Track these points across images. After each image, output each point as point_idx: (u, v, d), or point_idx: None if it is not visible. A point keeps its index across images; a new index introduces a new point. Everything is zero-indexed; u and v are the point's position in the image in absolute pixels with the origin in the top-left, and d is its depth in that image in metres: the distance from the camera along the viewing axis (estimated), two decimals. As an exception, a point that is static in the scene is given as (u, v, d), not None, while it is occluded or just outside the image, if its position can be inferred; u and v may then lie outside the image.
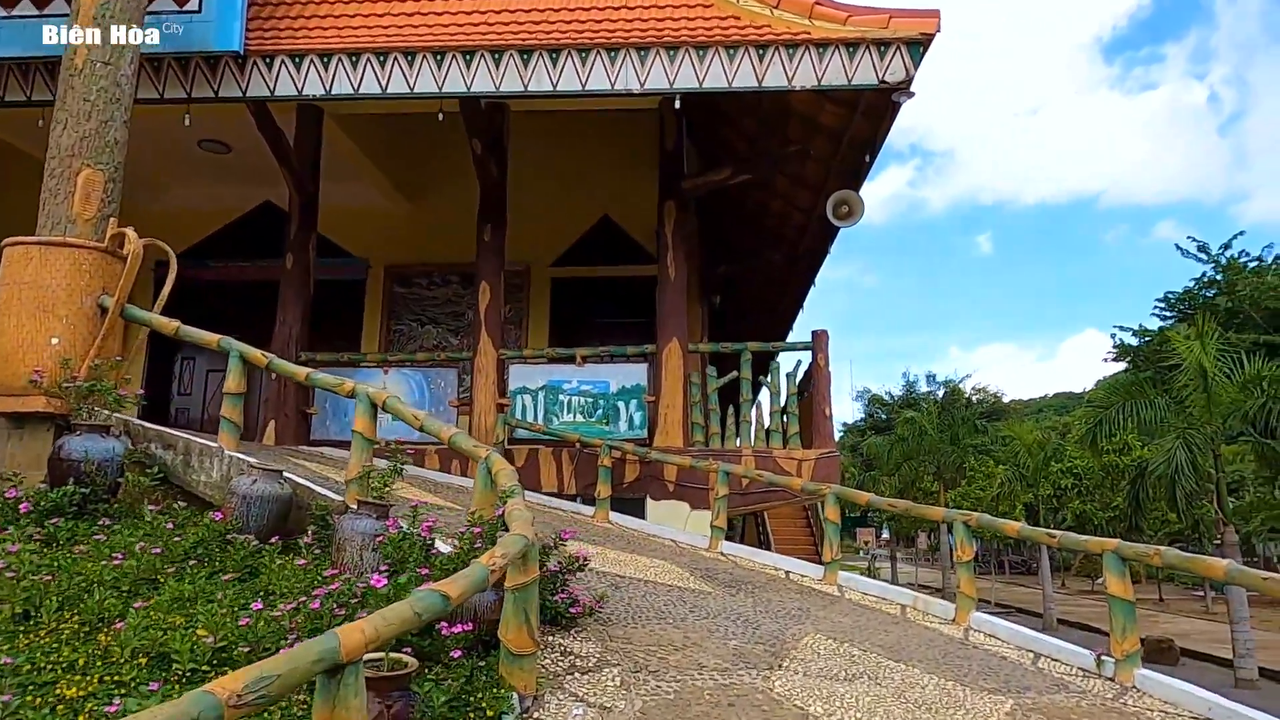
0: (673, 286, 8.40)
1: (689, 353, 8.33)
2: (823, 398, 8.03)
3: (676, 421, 8.05)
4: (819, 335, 8.17)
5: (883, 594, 5.93)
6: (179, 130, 9.96)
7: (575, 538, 6.19)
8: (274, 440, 8.19)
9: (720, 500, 7.11)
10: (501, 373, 8.35)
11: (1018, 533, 4.99)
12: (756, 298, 13.18)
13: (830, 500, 6.37)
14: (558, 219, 11.58)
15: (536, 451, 8.12)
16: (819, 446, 7.93)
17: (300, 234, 8.78)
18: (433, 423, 4.55)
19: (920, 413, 36.26)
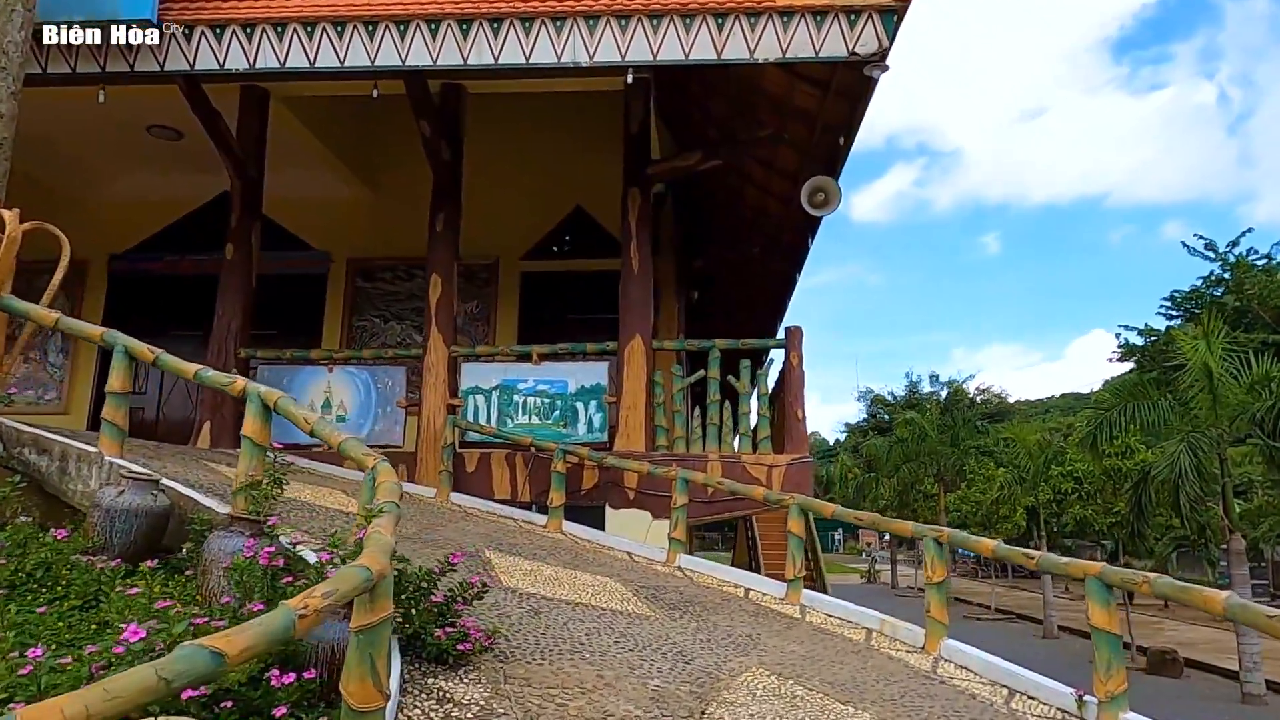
0: (636, 279, 7.84)
1: (653, 350, 7.78)
2: (795, 399, 7.47)
3: (639, 424, 7.50)
4: (792, 332, 7.61)
5: (847, 616, 5.37)
6: (125, 115, 9.52)
7: (514, 551, 5.67)
8: (209, 443, 7.67)
9: (679, 510, 6.56)
10: (453, 372, 7.80)
11: (992, 552, 4.44)
12: (737, 294, 12.63)
13: (794, 512, 5.81)
14: (528, 210, 11.05)
15: (489, 456, 7.58)
16: (791, 451, 7.37)
17: (242, 223, 8.25)
18: (323, 426, 4.01)
19: (920, 413, 35.64)
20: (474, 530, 6.14)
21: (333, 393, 7.84)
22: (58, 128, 10.07)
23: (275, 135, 9.75)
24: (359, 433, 7.77)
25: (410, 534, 5.37)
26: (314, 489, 6.13)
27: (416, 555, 4.78)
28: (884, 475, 36.41)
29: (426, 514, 6.41)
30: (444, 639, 3.16)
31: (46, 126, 10.09)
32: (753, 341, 7.81)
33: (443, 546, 5.25)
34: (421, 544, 5.15)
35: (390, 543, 2.81)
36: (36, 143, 10.53)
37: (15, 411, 11.41)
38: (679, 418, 7.57)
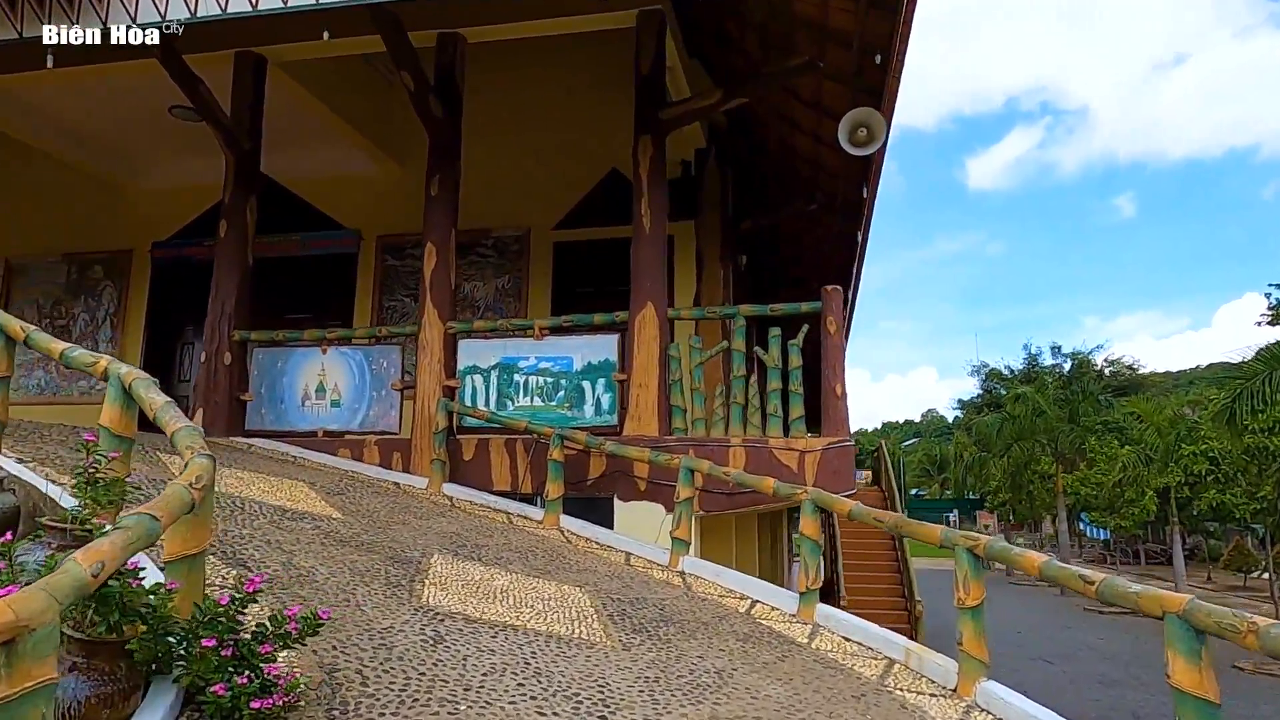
0: (648, 239, 6.88)
1: (668, 320, 6.80)
2: (834, 373, 6.34)
3: (651, 404, 6.57)
4: (828, 294, 6.47)
5: (866, 641, 4.30)
6: (151, 98, 9.28)
7: (474, 556, 4.88)
8: (201, 431, 7.23)
9: (683, 504, 5.60)
10: (450, 350, 7.08)
11: (1039, 571, 3.29)
12: (794, 258, 11.40)
13: (807, 509, 4.76)
14: (559, 176, 10.24)
15: (487, 443, 6.82)
16: (829, 434, 6.27)
17: (235, 198, 7.77)
18: (163, 413, 3.29)
19: (1034, 388, 32.93)
20: (444, 529, 5.39)
21: (327, 375, 7.27)
22: (96, 116, 9.97)
23: (293, 112, 9.33)
24: (353, 418, 7.18)
25: (351, 535, 4.66)
26: (271, 482, 5.53)
27: (336, 566, 4.06)
28: (995, 455, 33.97)
29: (401, 509, 5.72)
30: (224, 695, 2.37)
31: (86, 115, 10.02)
32: (782, 307, 6.70)
33: (382, 551, 4.51)
34: (356, 549, 4.43)
35: (80, 576, 2.01)
36: (79, 132, 10.52)
37: (65, 401, 11.63)
38: (698, 397, 6.58)
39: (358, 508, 5.44)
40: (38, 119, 9.70)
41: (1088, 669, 16.16)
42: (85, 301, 11.59)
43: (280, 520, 4.63)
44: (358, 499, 5.71)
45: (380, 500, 5.83)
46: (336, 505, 5.36)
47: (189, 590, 2.80)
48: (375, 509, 5.52)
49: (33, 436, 5.17)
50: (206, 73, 7.75)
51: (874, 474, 22.32)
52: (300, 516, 4.82)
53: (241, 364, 7.47)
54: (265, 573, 3.68)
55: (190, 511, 2.66)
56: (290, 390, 7.33)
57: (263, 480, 5.54)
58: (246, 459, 6.33)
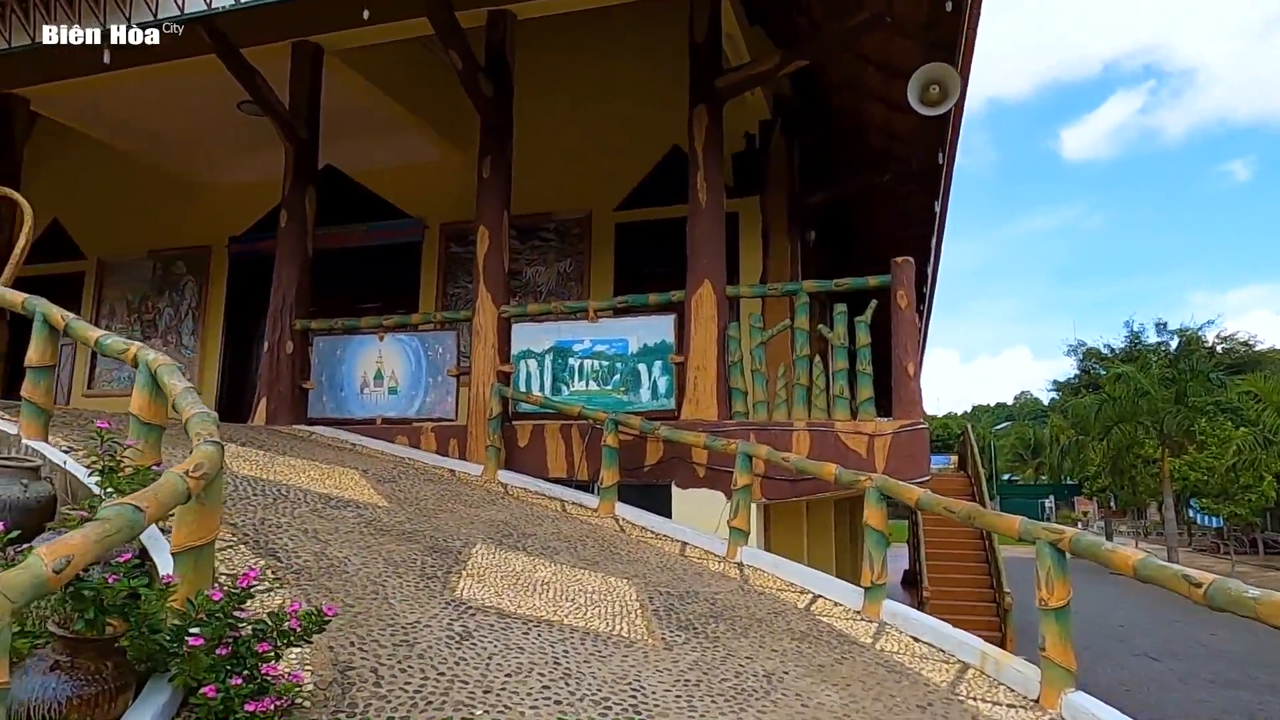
0: (704, 214, 6.55)
1: (727, 298, 6.48)
2: (905, 351, 5.90)
3: (709, 387, 6.26)
4: (899, 266, 6.02)
5: (938, 643, 3.91)
6: (220, 95, 9.46)
7: (519, 545, 4.70)
8: (265, 420, 7.32)
9: (740, 492, 5.29)
10: (503, 334, 6.93)
11: (1134, 570, 2.86)
12: (867, 232, 10.82)
13: (872, 497, 4.38)
14: (620, 155, 9.99)
15: (542, 428, 6.65)
16: (900, 416, 5.84)
17: (294, 189, 7.81)
18: (183, 399, 3.20)
19: (1137, 367, 30.96)
20: (493, 517, 5.23)
21: (384, 363, 7.24)
22: (170, 115, 10.24)
23: (355, 102, 9.38)
24: (410, 405, 7.13)
25: (394, 524, 4.54)
26: (322, 469, 5.48)
27: (371, 556, 3.94)
28: (1093, 438, 32.19)
29: (451, 496, 5.60)
30: (214, 697, 2.21)
31: (160, 115, 10.30)
32: (848, 281, 6.28)
33: (422, 541, 4.37)
34: (395, 538, 4.30)
35: (40, 573, 1.87)
36: (155, 133, 10.84)
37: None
38: (759, 379, 6.24)
39: (406, 495, 5.34)
40: (116, 121, 10.02)
41: (1198, 667, 15.04)
42: (169, 296, 12.00)
43: (323, 508, 4.55)
44: (408, 487, 5.61)
45: (431, 488, 5.73)
46: (384, 493, 5.27)
47: (196, 583, 2.69)
48: (424, 497, 5.42)
49: (90, 425, 5.25)
50: (266, 66, 7.81)
51: (960, 459, 21.37)
52: (344, 505, 4.73)
53: (304, 353, 7.51)
54: (295, 563, 3.58)
55: (188, 501, 2.54)
56: (350, 378, 7.33)
57: (314, 468, 5.50)
58: (304, 447, 6.33)
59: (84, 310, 12.48)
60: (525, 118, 10.42)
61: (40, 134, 13.13)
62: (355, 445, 6.83)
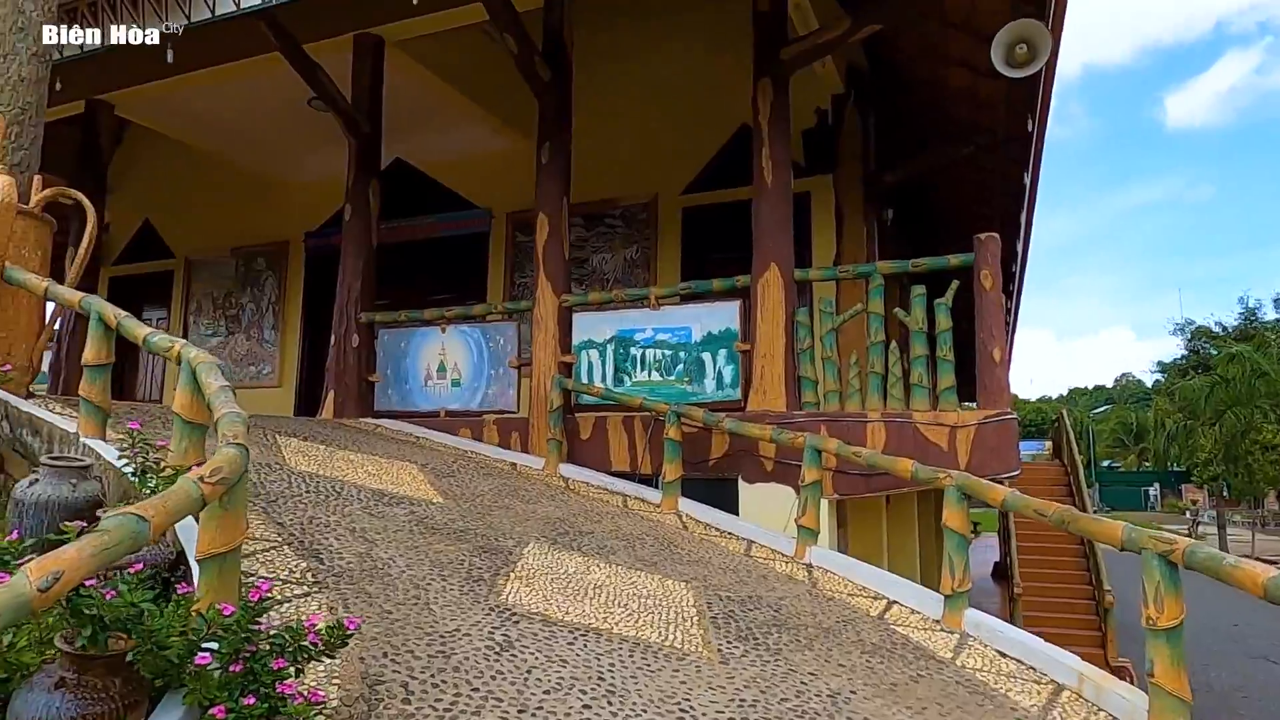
0: (770, 194, 6.21)
1: (794, 282, 6.13)
2: (990, 335, 5.45)
3: (777, 376, 5.94)
4: (982, 244, 5.56)
5: (1027, 659, 3.53)
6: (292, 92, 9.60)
7: (574, 545, 4.51)
8: (332, 413, 7.37)
9: (809, 488, 4.97)
10: (564, 324, 6.76)
11: (1264, 590, 2.44)
12: (949, 209, 10.19)
13: (951, 497, 4.01)
14: (685, 137, 9.69)
15: (605, 421, 6.46)
16: (985, 406, 5.40)
17: (357, 182, 7.81)
18: (217, 399, 3.10)
19: (1253, 346, 28.77)
20: (550, 513, 5.07)
21: (447, 354, 7.18)
22: (246, 114, 10.44)
23: (419, 94, 9.35)
24: (473, 397, 7.05)
25: (446, 522, 4.42)
26: (380, 464, 5.42)
27: (417, 557, 3.81)
28: (1203, 422, 30.15)
29: (509, 491, 5.46)
30: (222, 718, 2.08)
31: (237, 114, 10.51)
32: (926, 261, 5.83)
33: (473, 540, 4.23)
34: (446, 537, 4.17)
35: (23, 591, 1.75)
36: (233, 131, 11.08)
37: (237, 386, 12.47)
38: (830, 367, 5.88)
39: (463, 491, 5.23)
40: (194, 121, 10.28)
41: (1327, 672, 13.83)
42: (251, 292, 12.34)
43: (375, 505, 4.46)
44: (466, 481, 5.51)
45: (490, 482, 5.61)
46: (441, 489, 5.17)
47: (220, 591, 2.58)
48: (481, 492, 5.30)
49: (154, 422, 5.32)
50: (329, 60, 7.83)
51: (1055, 446, 20.26)
52: (398, 501, 4.64)
53: (369, 346, 7.53)
54: (338, 565, 3.47)
55: (203, 508, 2.43)
56: (414, 371, 7.30)
57: (372, 463, 5.45)
58: (367, 440, 6.32)
59: (174, 307, 12.99)
60: (587, 103, 10.23)
61: (132, 140, 13.72)
62: (419, 438, 6.79)
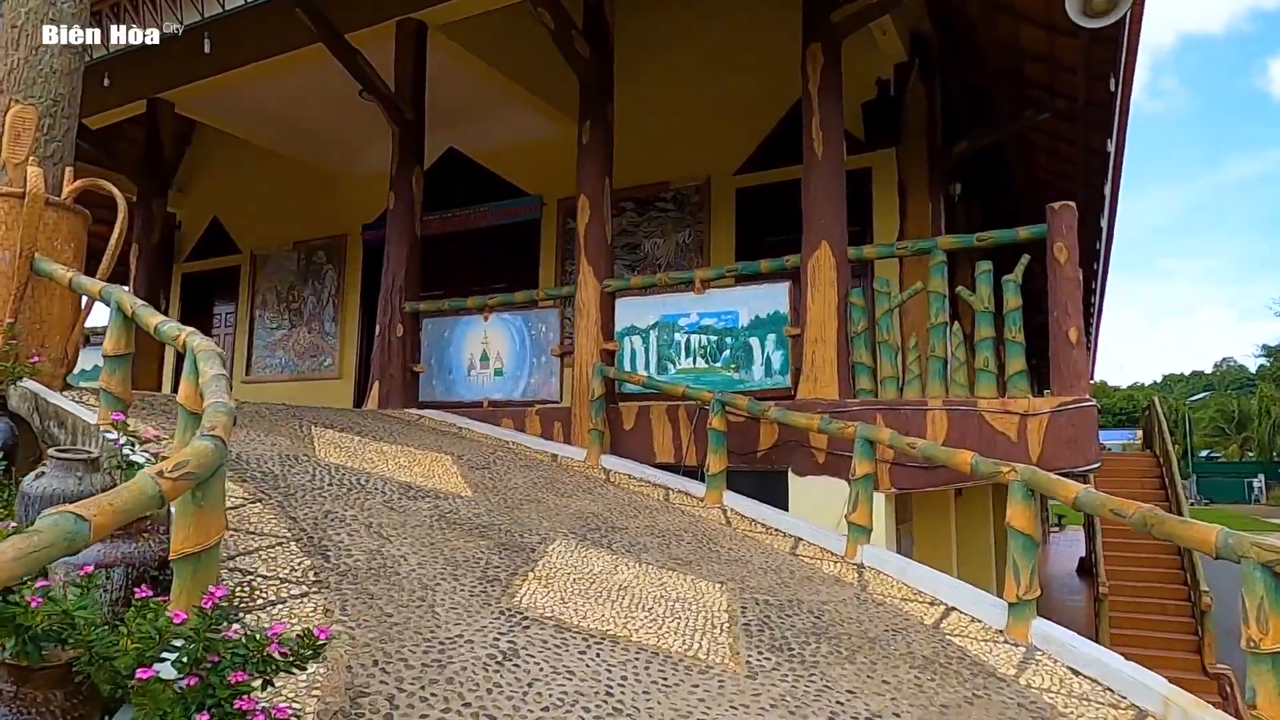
0: (821, 166, 5.81)
1: (848, 260, 5.72)
2: (1065, 314, 4.95)
3: (829, 361, 5.56)
4: (1057, 214, 5.05)
5: (1104, 679, 3.10)
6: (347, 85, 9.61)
7: (604, 542, 4.26)
8: (377, 404, 7.30)
9: (860, 482, 4.59)
10: (607, 310, 6.50)
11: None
12: (1025, 184, 9.48)
13: (1016, 493, 3.59)
14: (739, 115, 9.32)
15: (648, 410, 6.18)
16: (1060, 392, 4.91)
17: (402, 170, 7.70)
18: (209, 388, 2.94)
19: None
20: (584, 508, 4.83)
21: (489, 343, 7.01)
22: (300, 107, 10.51)
23: (467, 81, 9.25)
24: (515, 386, 6.87)
25: (471, 517, 4.23)
26: (413, 456, 5.27)
27: (431, 554, 3.61)
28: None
29: (544, 484, 5.25)
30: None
31: (291, 107, 10.58)
32: (993, 235, 5.33)
33: (496, 536, 4.02)
34: (467, 532, 3.97)
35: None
36: (291, 125, 11.18)
37: (300, 378, 12.67)
38: (886, 351, 5.47)
39: (496, 484, 5.03)
40: (252, 116, 10.39)
41: None
42: (312, 285, 12.50)
43: (398, 499, 4.29)
44: (501, 474, 5.31)
45: (525, 475, 5.41)
46: (473, 481, 4.99)
47: (195, 595, 2.41)
48: (514, 485, 5.09)
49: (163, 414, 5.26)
50: (372, 49, 7.75)
51: (1145, 435, 19.02)
52: (423, 495, 4.47)
53: (414, 336, 7.43)
54: (344, 563, 3.30)
55: (161, 506, 2.25)
56: (457, 360, 7.17)
57: (406, 454, 5.30)
58: (406, 431, 6.20)
59: (241, 301, 13.27)
60: (637, 84, 9.94)
61: (201, 140, 14.08)
62: (460, 429, 6.65)
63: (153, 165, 9.52)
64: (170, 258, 14.10)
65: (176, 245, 14.21)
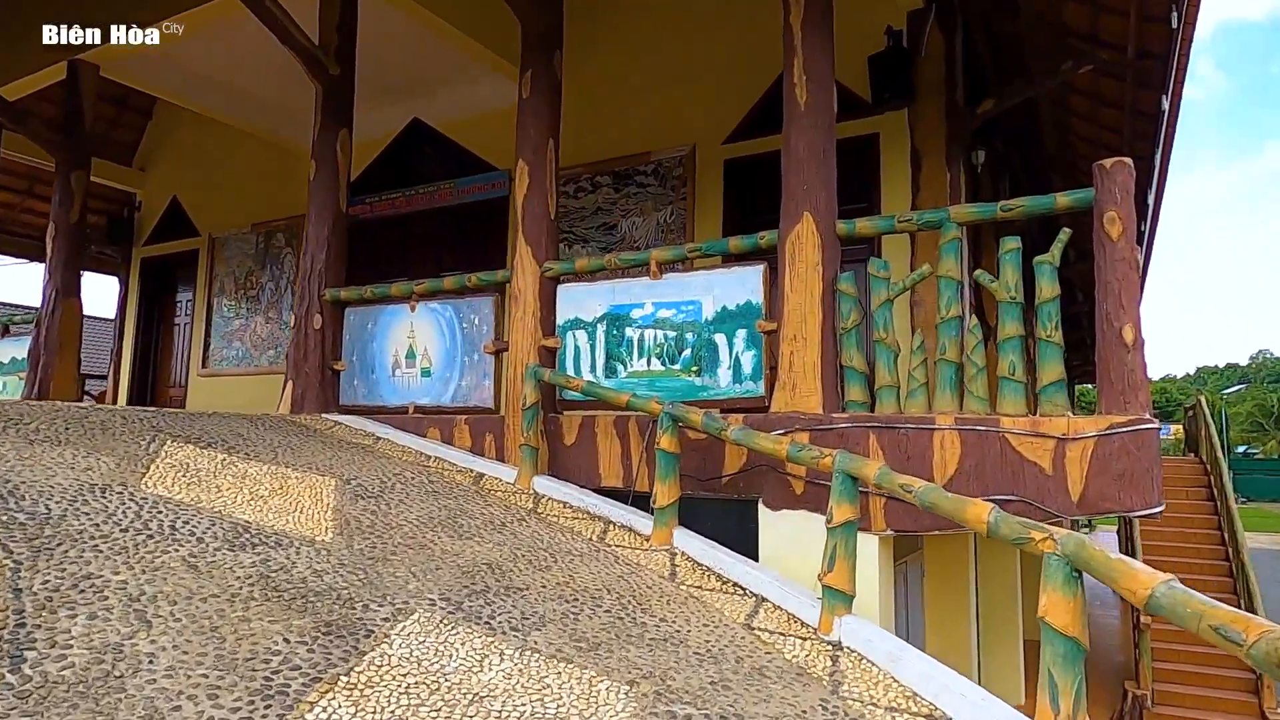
0: (804, 121, 4.62)
1: (837, 237, 4.54)
2: (1119, 307, 3.75)
3: (810, 365, 4.39)
4: (1107, 172, 3.83)
5: None
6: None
7: (483, 613, 3.11)
8: (290, 407, 6.24)
9: (839, 531, 3.44)
10: (547, 299, 5.38)
11: None
12: (1060, 150, 8.18)
13: (1055, 574, 2.42)
14: (729, 77, 8.14)
15: (593, 422, 5.06)
16: (1111, 409, 3.71)
17: (325, 133, 6.61)
18: None
19: None
20: (481, 556, 3.72)
21: (415, 337, 5.92)
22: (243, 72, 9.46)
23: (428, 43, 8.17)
24: (445, 390, 5.77)
25: (300, 580, 3.13)
26: (281, 481, 4.18)
27: (193, 653, 2.49)
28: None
29: (443, 521, 4.15)
30: None
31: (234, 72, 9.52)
32: (1022, 203, 4.10)
33: (323, 611, 2.92)
34: (284, 606, 2.88)
35: None
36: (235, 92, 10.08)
37: (258, 372, 11.66)
38: (884, 353, 4.29)
39: (376, 521, 3.93)
40: (188, 79, 9.34)
41: None
42: (270, 270, 11.49)
43: (213, 552, 3.21)
44: (394, 505, 4.22)
45: (427, 506, 4.31)
46: (346, 518, 3.89)
47: None
48: (403, 522, 3.99)
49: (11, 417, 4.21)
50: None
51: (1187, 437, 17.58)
52: (256, 543, 3.37)
53: (336, 328, 6.35)
54: (44, 672, 2.21)
55: None
56: (380, 357, 6.08)
57: (274, 479, 4.22)
58: (301, 445, 5.12)
59: (198, 288, 12.30)
60: (616, 41, 8.79)
61: (161, 115, 13.11)
62: (377, 441, 5.56)
63: (71, 134, 8.50)
64: (130, 240, 13.18)
65: (136, 227, 13.28)
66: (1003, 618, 7.80)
